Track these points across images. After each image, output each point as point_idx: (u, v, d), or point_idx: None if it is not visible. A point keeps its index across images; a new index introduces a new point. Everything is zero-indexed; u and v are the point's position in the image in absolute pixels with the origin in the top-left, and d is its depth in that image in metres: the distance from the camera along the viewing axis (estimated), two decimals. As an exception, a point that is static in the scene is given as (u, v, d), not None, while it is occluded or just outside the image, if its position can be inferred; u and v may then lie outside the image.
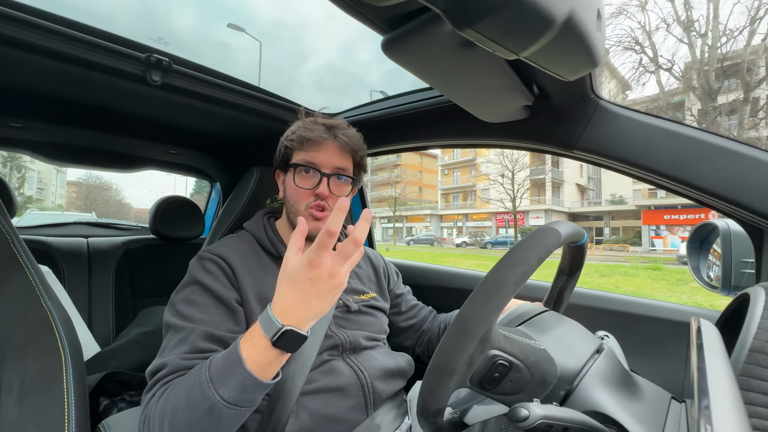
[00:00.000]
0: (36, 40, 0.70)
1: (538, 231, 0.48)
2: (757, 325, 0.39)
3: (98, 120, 1.15)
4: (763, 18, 10.62)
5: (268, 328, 0.52)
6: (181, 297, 0.70)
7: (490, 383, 0.46)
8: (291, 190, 0.80)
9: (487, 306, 0.41)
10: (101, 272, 1.32)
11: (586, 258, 0.65)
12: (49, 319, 0.60)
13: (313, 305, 0.53)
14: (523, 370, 0.46)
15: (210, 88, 0.96)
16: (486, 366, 0.45)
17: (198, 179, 1.94)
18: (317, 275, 0.51)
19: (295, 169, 0.79)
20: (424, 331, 0.99)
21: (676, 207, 19.57)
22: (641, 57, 11.68)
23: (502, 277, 0.43)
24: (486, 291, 0.42)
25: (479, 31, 0.41)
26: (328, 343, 0.74)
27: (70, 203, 38.42)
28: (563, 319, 0.56)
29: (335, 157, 0.79)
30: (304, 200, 0.78)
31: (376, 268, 0.97)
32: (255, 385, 0.52)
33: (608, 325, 0.82)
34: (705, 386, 0.31)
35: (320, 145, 0.78)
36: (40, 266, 0.68)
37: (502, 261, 0.44)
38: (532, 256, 0.44)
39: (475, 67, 0.61)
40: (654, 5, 22.76)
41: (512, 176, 22.33)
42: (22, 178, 26.02)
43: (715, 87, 10.41)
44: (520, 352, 0.46)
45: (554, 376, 0.47)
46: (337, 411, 0.69)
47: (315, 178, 0.78)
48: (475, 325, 0.41)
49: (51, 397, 0.55)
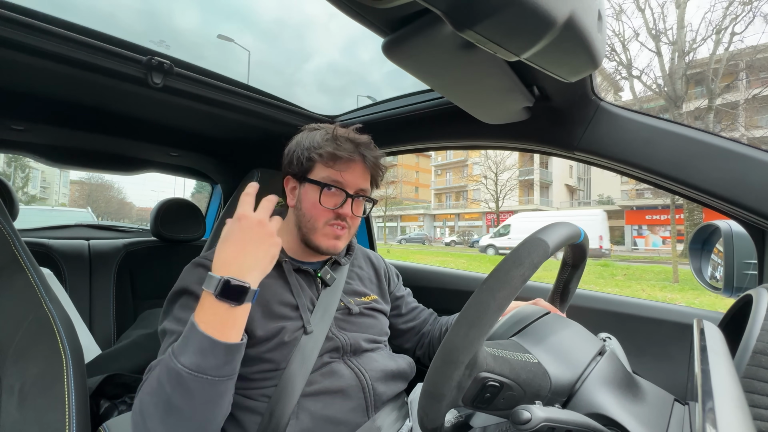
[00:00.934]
0: (38, 43, 0.71)
1: (524, 244, 0.45)
2: (761, 327, 0.39)
3: (100, 122, 1.16)
4: (727, 28, 10.86)
5: (210, 283, 0.55)
6: (176, 305, 0.69)
7: (483, 402, 0.46)
8: (310, 204, 0.77)
9: (468, 335, 0.41)
10: (102, 274, 1.33)
11: (589, 252, 0.65)
12: (50, 321, 0.60)
13: (249, 251, 0.58)
14: (515, 388, 0.45)
15: (211, 90, 0.97)
16: (476, 388, 0.44)
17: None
18: (247, 224, 0.60)
19: (321, 188, 0.76)
20: (424, 333, 0.99)
21: (657, 207, 19.65)
22: (616, 64, 11.88)
23: (483, 302, 0.42)
24: (468, 319, 0.42)
25: (480, 33, 0.41)
26: (328, 345, 0.74)
27: (72, 202, 38.60)
28: (564, 323, 0.56)
29: (360, 178, 0.78)
30: (324, 217, 0.76)
31: (377, 269, 0.97)
32: (212, 345, 0.53)
33: (610, 327, 0.82)
34: (709, 389, 0.31)
35: (348, 164, 0.77)
36: (41, 268, 0.68)
37: (484, 284, 0.43)
38: (516, 276, 0.42)
39: (476, 68, 0.61)
40: (630, 16, 23.06)
41: (495, 177, 22.43)
42: (26, 177, 26.24)
43: (681, 94, 10.61)
44: (510, 371, 0.45)
45: (547, 390, 0.46)
46: (338, 413, 0.68)
47: (340, 197, 0.76)
48: (459, 354, 0.41)
49: (52, 399, 0.55)
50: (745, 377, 0.37)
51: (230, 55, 36.96)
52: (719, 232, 0.79)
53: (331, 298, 0.79)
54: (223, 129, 1.26)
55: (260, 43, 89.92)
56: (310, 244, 0.78)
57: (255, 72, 14.57)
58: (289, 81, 63.54)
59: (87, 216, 6.57)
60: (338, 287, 0.82)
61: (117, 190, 39.83)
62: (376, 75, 73.49)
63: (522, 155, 21.27)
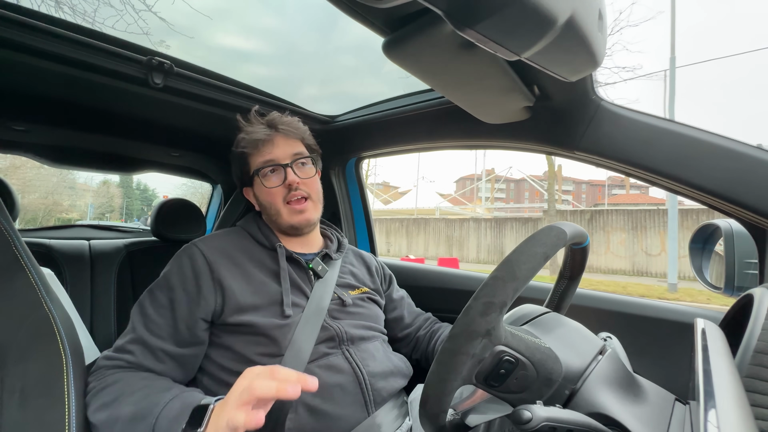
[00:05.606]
0: (38, 43, 0.71)
1: (546, 229, 0.49)
2: (762, 327, 0.39)
3: (100, 123, 1.16)
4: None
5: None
6: (152, 288, 0.75)
7: (496, 380, 0.46)
8: (264, 194, 0.83)
9: (491, 303, 0.42)
10: (103, 274, 1.32)
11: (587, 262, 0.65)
12: (50, 322, 0.60)
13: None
14: (528, 368, 0.46)
15: (212, 90, 0.97)
16: (492, 362, 0.45)
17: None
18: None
19: (260, 173, 0.82)
20: (419, 338, 1.00)
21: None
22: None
23: (507, 273, 0.43)
24: (490, 288, 0.43)
25: (480, 32, 0.41)
26: (324, 335, 0.75)
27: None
28: (566, 321, 0.56)
29: (288, 147, 0.83)
30: (279, 197, 0.81)
31: (369, 267, 1.00)
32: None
33: (611, 327, 0.82)
34: (711, 388, 0.31)
35: (271, 141, 0.82)
36: (42, 268, 0.68)
37: (507, 258, 0.45)
38: (539, 253, 0.45)
39: (476, 68, 0.61)
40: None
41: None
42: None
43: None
44: (525, 349, 0.46)
45: (559, 375, 0.47)
46: (336, 407, 0.69)
47: (279, 173, 0.82)
48: (480, 322, 0.42)
49: (52, 399, 0.55)
50: (746, 377, 0.37)
51: (231, 57, 36.90)
52: (720, 231, 0.79)
53: (324, 290, 0.81)
54: (223, 129, 1.26)
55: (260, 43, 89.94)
56: (284, 227, 0.83)
57: (256, 74, 14.55)
58: (290, 81, 63.44)
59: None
60: (331, 280, 0.84)
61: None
62: (378, 75, 73.64)
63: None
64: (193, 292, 0.72)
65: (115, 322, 1.29)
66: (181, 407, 0.56)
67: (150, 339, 0.68)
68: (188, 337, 0.71)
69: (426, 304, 1.11)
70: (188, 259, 0.76)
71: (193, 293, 0.72)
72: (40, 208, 19.77)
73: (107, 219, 25.16)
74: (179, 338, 0.70)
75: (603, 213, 11.35)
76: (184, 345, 0.70)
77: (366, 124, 1.16)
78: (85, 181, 26.77)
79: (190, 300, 0.72)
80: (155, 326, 0.70)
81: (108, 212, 27.25)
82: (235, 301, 0.72)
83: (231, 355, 0.72)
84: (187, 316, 0.71)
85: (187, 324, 0.71)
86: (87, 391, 0.62)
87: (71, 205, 24.53)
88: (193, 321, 0.71)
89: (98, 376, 0.64)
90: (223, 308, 0.72)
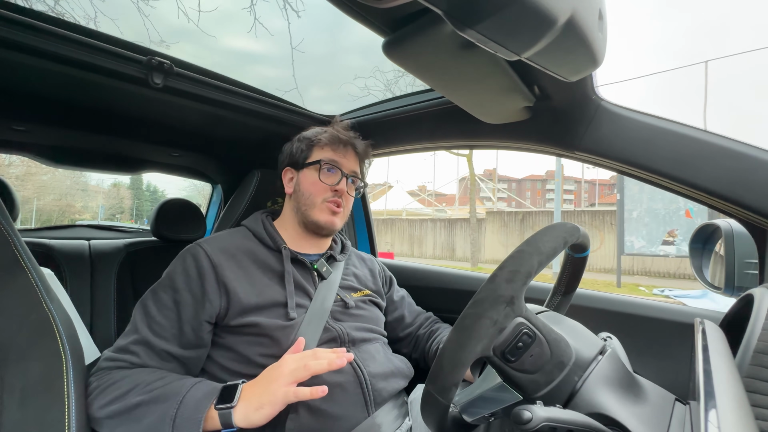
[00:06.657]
0: (38, 43, 0.71)
1: (560, 223, 0.53)
2: (762, 327, 0.39)
3: (100, 123, 1.16)
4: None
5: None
6: (156, 288, 0.75)
7: (513, 353, 0.46)
8: (309, 183, 0.85)
9: (516, 272, 0.45)
10: (103, 274, 1.32)
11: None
12: (50, 322, 0.60)
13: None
14: (544, 345, 0.47)
15: (211, 90, 0.97)
16: (512, 333, 0.46)
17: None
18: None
19: (320, 166, 0.85)
20: (419, 336, 1.00)
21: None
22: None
23: (531, 247, 0.47)
24: (514, 260, 0.46)
25: (481, 32, 0.41)
26: (326, 336, 0.76)
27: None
28: (565, 319, 0.56)
29: (354, 163, 0.90)
30: (322, 195, 0.84)
31: (371, 269, 1.00)
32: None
33: (611, 327, 0.81)
34: (711, 388, 0.31)
35: (346, 148, 0.88)
36: (41, 268, 0.68)
37: (531, 238, 0.49)
38: (560, 236, 0.50)
39: (476, 68, 0.61)
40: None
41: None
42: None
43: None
44: (543, 326, 0.48)
45: (570, 359, 0.47)
46: (337, 408, 0.69)
47: (337, 176, 0.86)
48: (503, 290, 0.44)
49: (52, 399, 0.55)
50: (746, 377, 0.37)
51: (231, 58, 36.99)
52: (720, 231, 0.79)
53: (328, 291, 0.82)
54: (223, 129, 1.26)
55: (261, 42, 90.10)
56: (309, 221, 0.84)
57: (255, 71, 14.64)
58: (290, 80, 63.58)
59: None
60: (335, 281, 0.85)
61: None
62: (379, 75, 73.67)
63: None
64: (198, 294, 0.72)
65: (115, 322, 1.29)
66: (208, 387, 0.60)
67: (154, 340, 0.68)
68: (193, 339, 0.71)
69: (426, 304, 1.11)
70: (193, 260, 0.75)
71: (198, 295, 0.72)
72: (54, 210, 19.91)
73: (118, 220, 25.29)
74: (183, 340, 0.70)
75: (533, 214, 12.77)
76: (188, 347, 0.70)
77: (366, 124, 1.16)
78: (97, 184, 26.96)
79: (195, 302, 0.71)
80: (159, 327, 0.69)
81: (118, 213, 27.34)
82: (240, 304, 0.72)
83: (232, 355, 0.72)
84: (191, 318, 0.71)
85: (191, 326, 0.70)
86: (89, 390, 0.62)
87: (83, 207, 24.65)
88: (197, 323, 0.71)
89: (101, 376, 0.64)
90: (227, 310, 0.72)
